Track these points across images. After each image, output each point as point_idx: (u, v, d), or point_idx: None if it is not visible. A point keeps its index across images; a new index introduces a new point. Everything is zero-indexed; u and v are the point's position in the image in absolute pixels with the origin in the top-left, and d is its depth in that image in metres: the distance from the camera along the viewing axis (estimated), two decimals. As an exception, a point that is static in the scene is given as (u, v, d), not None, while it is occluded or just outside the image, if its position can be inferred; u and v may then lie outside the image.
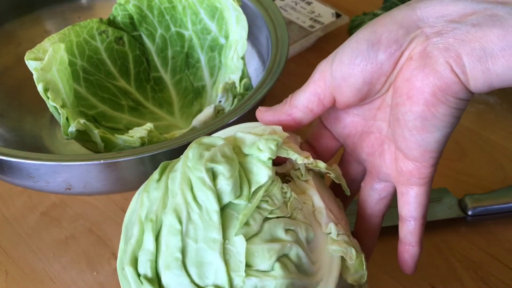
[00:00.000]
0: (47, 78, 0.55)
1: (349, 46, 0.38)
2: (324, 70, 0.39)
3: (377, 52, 0.36)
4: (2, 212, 0.61)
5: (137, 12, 0.66)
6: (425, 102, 0.36)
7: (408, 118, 0.37)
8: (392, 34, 0.36)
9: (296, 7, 0.84)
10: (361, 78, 0.37)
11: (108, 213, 0.61)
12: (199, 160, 0.37)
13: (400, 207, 0.42)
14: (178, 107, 0.67)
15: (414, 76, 0.36)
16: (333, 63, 0.38)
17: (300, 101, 0.40)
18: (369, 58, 0.37)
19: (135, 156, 0.49)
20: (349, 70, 0.37)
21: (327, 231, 0.39)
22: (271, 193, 0.37)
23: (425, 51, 0.35)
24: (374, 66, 0.37)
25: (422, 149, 0.38)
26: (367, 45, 0.37)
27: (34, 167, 0.50)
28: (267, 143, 0.38)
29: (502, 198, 0.58)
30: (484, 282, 0.53)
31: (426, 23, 0.36)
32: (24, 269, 0.56)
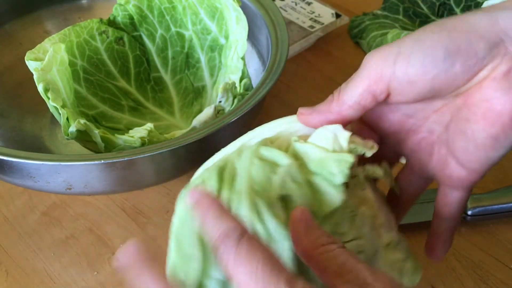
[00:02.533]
0: (48, 78, 0.55)
1: (421, 49, 0.34)
2: (383, 67, 0.35)
3: (455, 63, 0.34)
4: (2, 212, 0.61)
5: (137, 12, 0.66)
6: (502, 125, 0.34)
7: (478, 136, 0.36)
8: (473, 46, 0.33)
9: (296, 7, 0.84)
10: (429, 85, 0.35)
11: (109, 213, 0.61)
12: (268, 185, 0.34)
13: (441, 206, 0.42)
14: (178, 107, 0.67)
15: (496, 99, 0.34)
16: (397, 63, 0.35)
17: (352, 98, 0.37)
18: (444, 67, 0.34)
19: (136, 156, 0.49)
20: (418, 76, 0.34)
21: (387, 242, 0.38)
22: (341, 215, 0.36)
23: (511, 73, 0.33)
24: (448, 77, 0.34)
25: (482, 163, 0.37)
26: (444, 53, 0.34)
27: (34, 167, 0.50)
28: (340, 166, 0.35)
29: (502, 198, 0.58)
30: (484, 282, 0.53)
31: (510, 38, 0.33)
32: (25, 268, 0.56)
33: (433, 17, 0.82)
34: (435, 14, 0.82)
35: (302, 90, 0.75)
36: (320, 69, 0.78)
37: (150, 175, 0.53)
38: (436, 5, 0.82)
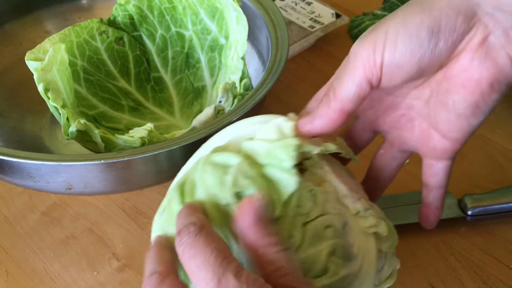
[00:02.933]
0: (48, 79, 0.55)
1: (406, 32, 0.35)
2: (375, 55, 0.36)
3: (438, 41, 0.35)
4: (2, 212, 0.61)
5: (137, 13, 0.66)
6: (481, 92, 0.36)
7: (459, 105, 0.37)
8: (452, 22, 0.35)
9: (296, 7, 0.84)
10: (416, 67, 0.36)
11: (109, 213, 0.61)
12: (222, 187, 0.36)
13: (428, 177, 0.43)
14: (178, 107, 0.67)
15: (474, 68, 0.35)
16: (385, 49, 0.36)
17: (351, 91, 0.37)
18: (429, 47, 0.35)
19: (136, 156, 0.49)
20: (405, 58, 0.36)
21: (355, 211, 0.39)
22: (301, 196, 0.37)
23: (485, 42, 0.35)
24: (433, 55, 0.35)
25: (465, 131, 0.38)
26: (428, 33, 0.35)
27: (34, 167, 0.50)
28: (286, 151, 0.36)
29: (501, 198, 0.58)
30: (484, 282, 0.53)
31: (483, 10, 0.34)
32: (25, 268, 0.56)
33: (433, 17, 0.82)
34: (435, 14, 0.82)
35: (302, 90, 0.75)
36: (320, 69, 0.78)
37: (150, 175, 0.53)
38: (436, 5, 0.82)
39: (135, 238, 0.58)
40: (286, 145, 0.36)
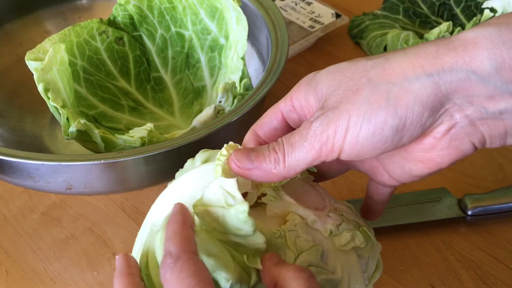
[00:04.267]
0: (48, 79, 0.55)
1: (368, 127, 0.34)
2: (333, 139, 0.35)
3: (402, 138, 0.34)
4: (2, 212, 0.61)
5: (137, 13, 0.66)
6: (440, 168, 0.36)
7: (415, 173, 0.38)
8: (418, 118, 0.33)
9: (296, 7, 0.84)
10: (377, 155, 0.35)
11: (109, 213, 0.61)
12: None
13: (373, 193, 0.44)
14: (178, 107, 0.67)
15: (435, 152, 0.35)
16: (346, 139, 0.34)
17: (299, 166, 0.36)
18: (392, 143, 0.34)
19: (136, 156, 0.49)
20: (366, 151, 0.35)
21: (328, 233, 0.38)
22: (272, 247, 0.36)
23: (450, 132, 0.34)
24: (395, 146, 0.35)
25: (414, 179, 0.39)
26: (392, 132, 0.33)
27: (34, 167, 0.50)
28: (239, 220, 0.35)
29: (501, 198, 0.58)
30: (484, 282, 0.53)
31: (452, 101, 0.33)
32: (25, 268, 0.56)
33: (433, 17, 0.82)
34: (435, 14, 0.82)
35: (302, 90, 0.75)
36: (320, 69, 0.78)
37: (150, 175, 0.53)
38: (436, 5, 0.82)
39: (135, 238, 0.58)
40: (237, 214, 0.35)
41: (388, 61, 0.34)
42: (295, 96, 0.38)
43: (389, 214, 0.57)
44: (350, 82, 0.35)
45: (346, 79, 0.35)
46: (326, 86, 0.36)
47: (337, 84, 0.35)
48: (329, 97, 0.35)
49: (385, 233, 0.56)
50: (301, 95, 0.38)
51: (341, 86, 0.35)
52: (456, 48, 0.32)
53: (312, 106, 0.37)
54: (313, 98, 0.37)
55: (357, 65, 0.35)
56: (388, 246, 0.56)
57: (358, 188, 0.62)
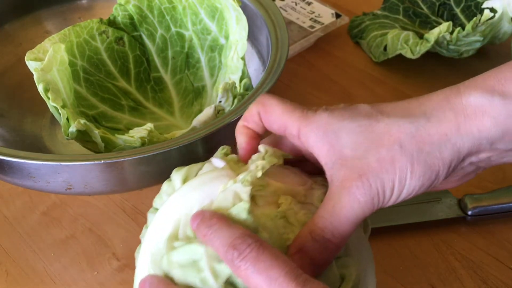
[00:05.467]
0: (48, 79, 0.55)
1: (408, 191, 0.37)
2: (376, 203, 0.38)
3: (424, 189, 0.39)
4: (2, 212, 0.61)
5: (137, 13, 0.66)
6: (446, 188, 0.42)
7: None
8: (444, 176, 0.38)
9: (296, 7, 0.84)
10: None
11: (109, 213, 0.61)
12: (206, 286, 0.35)
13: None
14: (178, 107, 0.67)
15: (447, 184, 0.41)
16: (391, 197, 0.38)
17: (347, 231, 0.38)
18: (430, 185, 0.38)
19: (136, 156, 0.49)
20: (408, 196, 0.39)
21: (319, 202, 0.38)
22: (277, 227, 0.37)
23: (465, 173, 0.41)
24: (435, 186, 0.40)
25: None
26: (425, 190, 0.38)
27: (34, 167, 0.50)
28: (238, 216, 0.36)
29: (502, 198, 0.58)
30: (484, 282, 0.53)
31: (468, 159, 0.38)
32: (25, 268, 0.56)
33: (433, 17, 0.82)
34: (435, 14, 0.82)
35: (302, 90, 0.75)
36: (320, 69, 0.78)
37: (150, 175, 0.53)
38: (436, 5, 0.82)
39: (135, 238, 0.58)
40: (239, 211, 0.36)
41: (415, 126, 0.36)
42: (291, 123, 0.39)
43: (389, 214, 0.57)
44: (381, 149, 0.36)
45: (374, 145, 0.36)
46: (351, 147, 0.37)
47: (365, 149, 0.36)
48: (356, 160, 0.36)
49: (385, 233, 0.56)
50: (306, 131, 0.38)
51: (370, 153, 0.36)
52: (469, 116, 0.36)
53: (314, 146, 0.38)
54: (326, 147, 0.37)
55: (379, 125, 0.37)
56: (388, 246, 0.56)
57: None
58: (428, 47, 0.72)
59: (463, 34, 0.71)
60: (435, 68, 0.78)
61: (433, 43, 0.71)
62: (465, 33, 0.70)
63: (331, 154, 0.37)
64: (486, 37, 0.72)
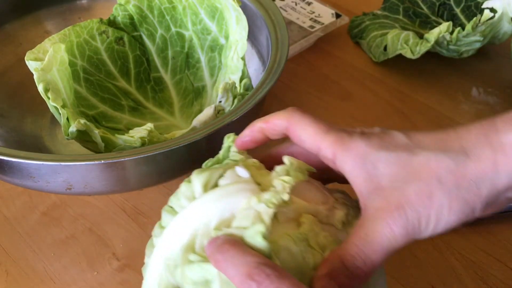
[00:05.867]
0: (48, 79, 0.55)
1: (445, 226, 0.38)
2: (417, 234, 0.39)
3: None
4: (2, 212, 0.61)
5: (137, 13, 0.66)
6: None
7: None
8: (480, 213, 0.38)
9: (296, 7, 0.84)
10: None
11: (109, 213, 0.61)
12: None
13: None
14: (178, 107, 0.67)
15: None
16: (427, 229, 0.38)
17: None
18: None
19: (136, 156, 0.49)
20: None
21: (341, 225, 0.38)
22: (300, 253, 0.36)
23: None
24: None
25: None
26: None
27: (34, 167, 0.50)
28: (254, 239, 0.35)
29: (502, 198, 0.58)
30: (484, 282, 0.53)
31: (501, 195, 0.38)
32: (25, 268, 0.56)
33: (433, 17, 0.82)
34: (435, 14, 0.82)
35: (302, 90, 0.75)
36: (320, 69, 0.78)
37: (150, 175, 0.53)
38: (436, 5, 0.82)
39: (135, 238, 0.58)
40: (254, 234, 0.35)
41: (454, 162, 0.37)
42: (325, 146, 0.39)
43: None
44: (420, 183, 0.36)
45: (412, 177, 0.37)
46: (388, 178, 0.37)
47: (403, 181, 0.37)
48: (393, 191, 0.36)
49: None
50: (343, 158, 0.38)
51: (408, 185, 0.36)
52: (507, 154, 0.36)
53: (350, 173, 0.38)
54: (364, 176, 0.37)
55: (418, 158, 0.37)
56: (388, 246, 0.56)
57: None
58: (428, 47, 0.72)
59: (463, 34, 0.71)
60: (435, 68, 0.78)
61: (433, 43, 0.71)
62: (465, 33, 0.70)
63: (368, 183, 0.37)
64: (486, 37, 0.72)
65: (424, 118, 0.71)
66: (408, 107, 0.72)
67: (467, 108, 0.72)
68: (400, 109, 0.72)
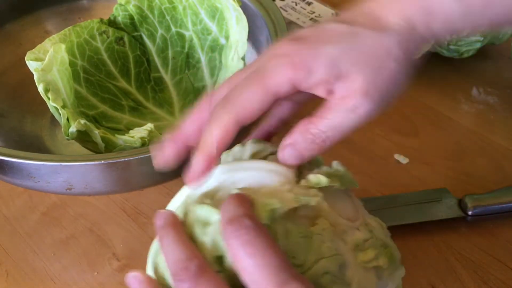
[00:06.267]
0: (48, 79, 0.55)
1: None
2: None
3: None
4: (2, 212, 0.61)
5: (137, 13, 0.66)
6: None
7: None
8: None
9: (296, 8, 0.84)
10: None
11: (109, 213, 0.61)
12: (202, 248, 0.35)
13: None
14: (178, 108, 0.67)
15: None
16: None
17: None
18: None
19: (136, 157, 0.49)
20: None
21: (353, 245, 0.38)
22: (293, 245, 0.36)
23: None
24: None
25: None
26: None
27: (34, 167, 0.50)
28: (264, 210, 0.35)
29: (502, 198, 0.58)
30: (484, 282, 0.53)
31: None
32: (25, 269, 0.56)
33: (433, 17, 0.82)
34: (435, 14, 0.82)
35: (302, 90, 0.75)
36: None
37: (150, 175, 0.53)
38: (436, 5, 0.82)
39: (135, 238, 0.58)
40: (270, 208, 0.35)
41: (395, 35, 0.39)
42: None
43: (389, 214, 0.57)
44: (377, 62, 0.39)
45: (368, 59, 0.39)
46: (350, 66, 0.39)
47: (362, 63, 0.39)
48: (356, 77, 0.38)
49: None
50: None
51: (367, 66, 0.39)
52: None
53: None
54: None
55: (367, 41, 0.39)
56: (388, 246, 0.56)
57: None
58: (428, 47, 0.72)
59: (463, 34, 0.71)
60: (435, 68, 0.78)
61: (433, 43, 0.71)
62: (465, 33, 0.70)
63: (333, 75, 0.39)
64: (486, 37, 0.72)
65: (424, 118, 0.71)
66: (408, 107, 0.72)
67: (467, 108, 0.72)
68: (400, 109, 0.72)
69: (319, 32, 0.39)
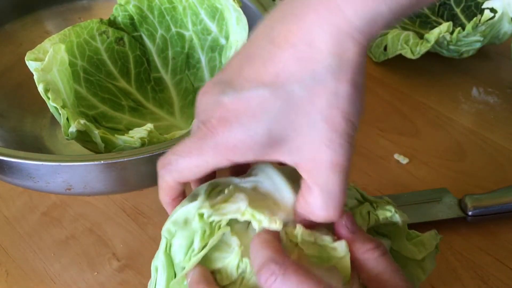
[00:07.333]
0: (48, 79, 0.55)
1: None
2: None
3: None
4: (2, 212, 0.61)
5: (137, 13, 0.66)
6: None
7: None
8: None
9: (296, 7, 0.84)
10: None
11: (109, 213, 0.61)
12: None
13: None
14: (178, 108, 0.67)
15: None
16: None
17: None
18: None
19: (136, 157, 0.49)
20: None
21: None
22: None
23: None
24: None
25: None
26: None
27: (34, 167, 0.50)
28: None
29: (502, 198, 0.58)
30: (484, 282, 0.53)
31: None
32: (25, 269, 0.56)
33: (433, 17, 0.82)
34: (435, 14, 0.82)
35: (302, 90, 0.75)
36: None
37: (150, 175, 0.53)
38: (436, 5, 0.82)
39: (135, 238, 0.58)
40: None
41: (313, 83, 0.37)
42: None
43: (389, 214, 0.57)
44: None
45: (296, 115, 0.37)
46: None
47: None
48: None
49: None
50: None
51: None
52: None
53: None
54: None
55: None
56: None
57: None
58: (428, 47, 0.72)
59: (463, 34, 0.71)
60: (435, 68, 0.78)
61: (433, 43, 0.71)
62: (465, 33, 0.70)
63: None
64: (486, 37, 0.72)
65: (424, 118, 0.71)
66: (408, 107, 0.72)
67: (467, 108, 0.72)
68: (400, 109, 0.72)
69: (242, 104, 0.36)
